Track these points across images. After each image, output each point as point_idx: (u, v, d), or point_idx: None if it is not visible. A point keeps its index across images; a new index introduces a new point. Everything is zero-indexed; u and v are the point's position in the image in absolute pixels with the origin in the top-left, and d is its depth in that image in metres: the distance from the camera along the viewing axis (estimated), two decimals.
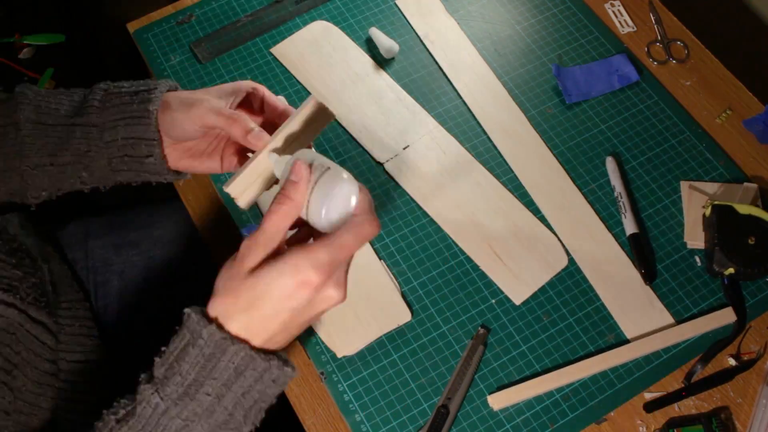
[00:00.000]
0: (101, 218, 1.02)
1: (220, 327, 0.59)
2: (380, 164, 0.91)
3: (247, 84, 0.73)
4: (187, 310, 0.61)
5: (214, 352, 0.58)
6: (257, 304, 0.58)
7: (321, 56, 0.98)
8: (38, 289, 0.78)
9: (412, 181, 0.89)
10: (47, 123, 0.76)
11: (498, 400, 0.77)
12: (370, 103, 0.95)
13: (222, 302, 0.59)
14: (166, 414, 0.59)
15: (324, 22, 1.01)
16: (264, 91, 0.73)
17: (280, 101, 0.74)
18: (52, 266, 0.89)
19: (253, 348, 0.59)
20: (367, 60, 0.98)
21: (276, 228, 0.59)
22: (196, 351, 0.59)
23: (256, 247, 0.58)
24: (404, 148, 0.92)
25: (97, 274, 0.97)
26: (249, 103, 0.74)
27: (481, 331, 0.80)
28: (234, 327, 0.59)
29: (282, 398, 0.83)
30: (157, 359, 0.61)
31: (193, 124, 0.70)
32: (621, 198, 0.87)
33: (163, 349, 0.61)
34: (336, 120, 0.93)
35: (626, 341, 0.80)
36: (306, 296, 0.58)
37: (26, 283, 0.76)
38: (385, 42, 0.97)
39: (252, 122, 0.68)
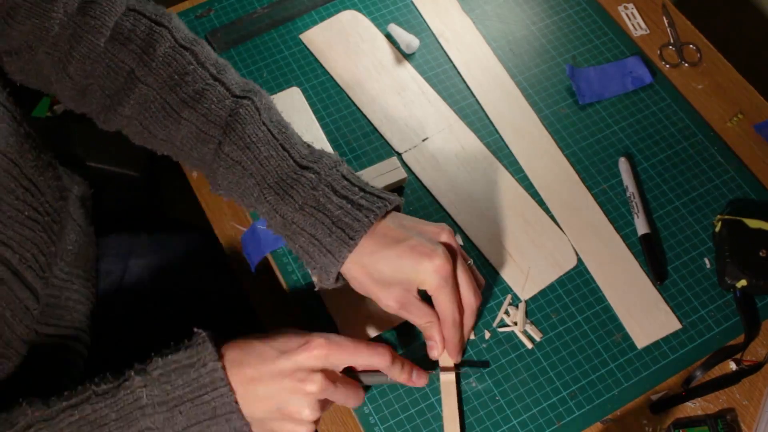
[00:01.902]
0: (149, 236, 1.01)
1: (224, 368, 0.63)
2: (399, 154, 0.92)
3: (449, 243, 0.71)
4: (203, 333, 0.64)
5: (207, 385, 0.62)
6: (262, 380, 0.63)
7: (348, 45, 1.00)
8: (44, 258, 0.76)
9: (429, 173, 0.90)
10: (246, 168, 0.73)
11: None
12: (393, 94, 0.96)
13: (240, 353, 0.64)
14: (142, 410, 0.61)
15: (353, 12, 1.03)
16: (460, 265, 0.70)
17: (467, 289, 0.71)
18: (71, 231, 0.87)
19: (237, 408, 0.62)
20: (392, 52, 0.99)
21: (359, 355, 0.66)
22: (195, 375, 0.62)
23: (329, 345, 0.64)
24: (423, 140, 0.93)
25: (129, 294, 0.95)
26: None
27: None
28: (234, 378, 0.63)
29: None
30: (158, 359, 0.64)
31: (393, 307, 0.71)
32: (634, 198, 0.88)
33: (167, 352, 0.64)
34: (359, 108, 0.95)
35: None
36: (299, 363, 0.63)
37: (35, 250, 0.75)
38: (405, 37, 0.98)
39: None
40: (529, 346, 0.80)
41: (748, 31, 1.32)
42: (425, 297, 0.70)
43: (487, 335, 0.81)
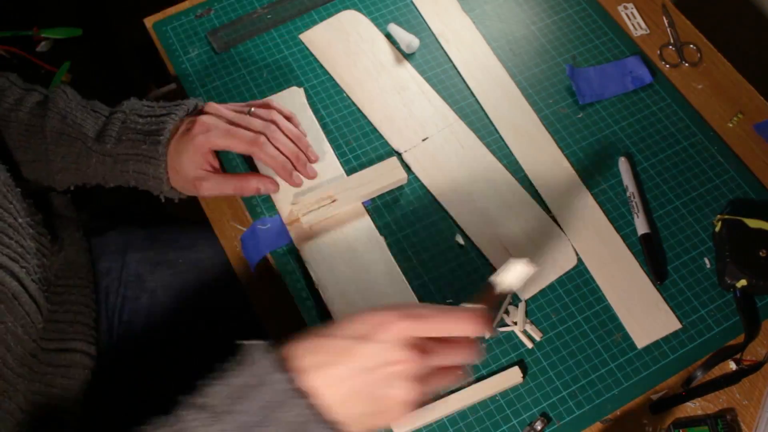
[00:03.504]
0: (145, 231, 1.02)
1: (294, 376, 0.56)
2: (399, 154, 0.92)
3: (200, 146, 0.82)
4: (247, 344, 0.58)
5: (281, 403, 0.55)
6: (350, 376, 0.56)
7: (348, 44, 1.00)
8: (46, 272, 0.79)
9: (429, 173, 0.90)
10: (71, 135, 0.82)
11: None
12: (393, 94, 0.96)
13: (312, 355, 0.57)
14: None
15: (354, 12, 1.03)
16: (218, 142, 0.82)
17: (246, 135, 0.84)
18: (69, 252, 0.89)
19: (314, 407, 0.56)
20: (392, 52, 0.99)
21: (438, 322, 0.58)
22: (266, 394, 0.55)
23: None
24: (423, 140, 0.93)
25: (128, 288, 0.96)
26: None
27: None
28: (318, 381, 0.56)
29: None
30: (214, 388, 0.57)
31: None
32: (634, 198, 0.88)
33: (220, 375, 0.57)
34: (359, 108, 0.95)
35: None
36: (382, 342, 0.56)
37: (38, 262, 0.76)
38: (404, 37, 0.98)
39: (254, 181, 0.86)
40: (530, 345, 0.80)
41: (748, 31, 1.32)
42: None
43: (487, 334, 0.81)
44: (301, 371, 0.56)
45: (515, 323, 0.81)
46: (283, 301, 0.84)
